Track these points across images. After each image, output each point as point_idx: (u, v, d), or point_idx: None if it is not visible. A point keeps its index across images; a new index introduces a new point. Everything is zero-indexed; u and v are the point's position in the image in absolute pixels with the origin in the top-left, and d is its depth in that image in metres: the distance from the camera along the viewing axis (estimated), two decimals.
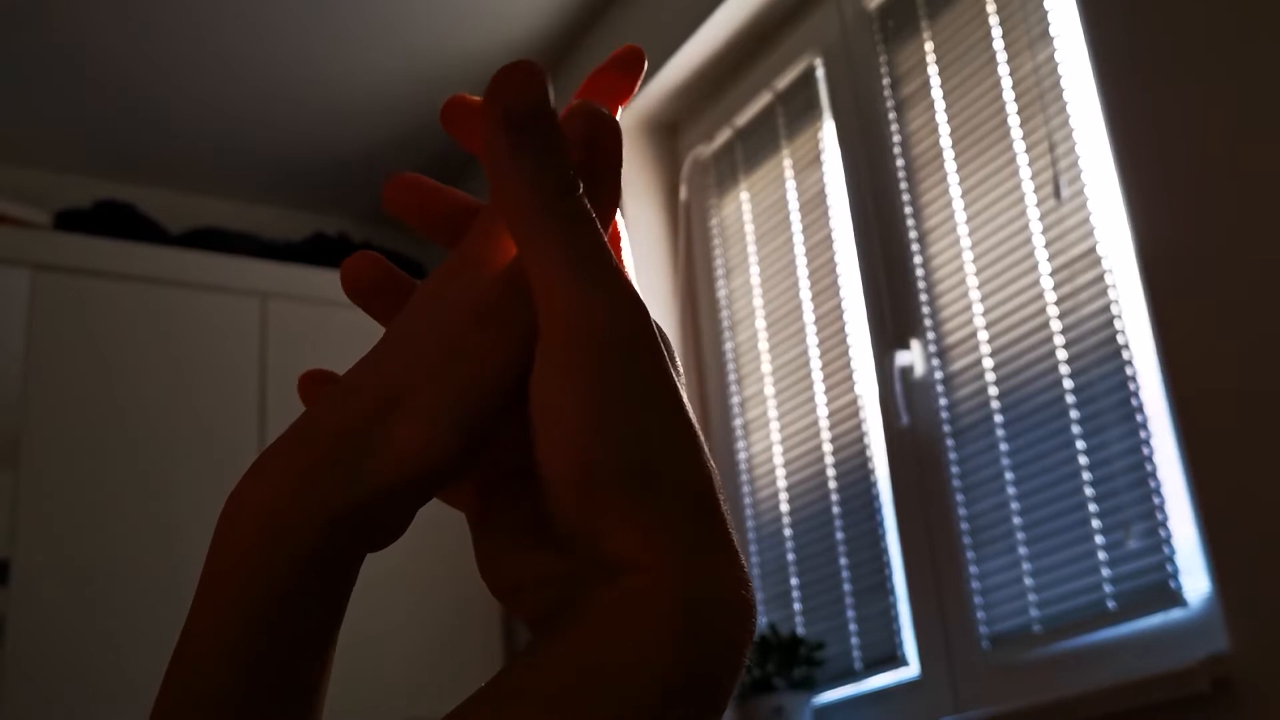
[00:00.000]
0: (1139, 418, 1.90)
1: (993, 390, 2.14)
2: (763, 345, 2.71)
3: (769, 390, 2.67)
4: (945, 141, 2.30)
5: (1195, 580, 1.80)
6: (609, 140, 0.37)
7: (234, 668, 0.33)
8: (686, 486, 0.33)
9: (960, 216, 2.25)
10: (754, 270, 2.76)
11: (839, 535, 2.43)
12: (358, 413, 0.35)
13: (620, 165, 0.37)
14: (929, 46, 2.36)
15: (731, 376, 2.80)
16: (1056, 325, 2.04)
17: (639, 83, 0.41)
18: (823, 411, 2.51)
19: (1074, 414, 1.99)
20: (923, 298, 2.31)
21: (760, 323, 2.72)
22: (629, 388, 0.33)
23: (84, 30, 3.02)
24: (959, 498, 2.17)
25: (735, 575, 0.32)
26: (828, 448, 2.49)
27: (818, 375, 2.54)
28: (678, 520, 0.32)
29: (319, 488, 0.34)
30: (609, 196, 0.37)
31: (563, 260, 0.34)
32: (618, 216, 0.39)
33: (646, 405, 0.33)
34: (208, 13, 3.01)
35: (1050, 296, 2.06)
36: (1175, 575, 1.82)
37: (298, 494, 0.34)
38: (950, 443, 2.21)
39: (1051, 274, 2.06)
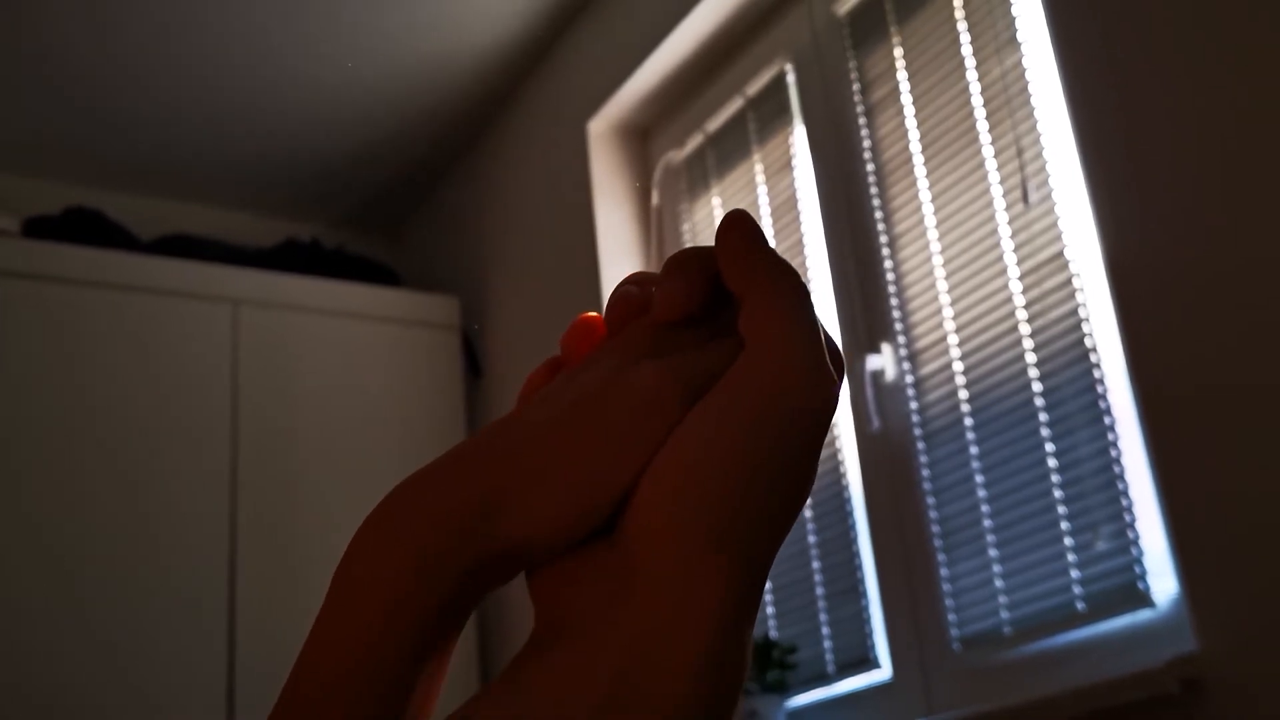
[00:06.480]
0: (1107, 420, 1.91)
1: (963, 394, 2.16)
2: None
3: None
4: (915, 146, 2.32)
5: (1163, 581, 1.81)
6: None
7: (368, 682, 0.35)
8: (752, 557, 0.35)
9: (930, 221, 2.26)
10: None
11: (811, 539, 2.44)
12: (509, 469, 0.37)
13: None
14: (898, 52, 2.37)
15: None
16: (1025, 329, 2.05)
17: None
18: None
19: (1043, 417, 2.01)
20: (893, 302, 2.32)
21: None
22: (774, 457, 0.35)
23: (52, 35, 3.00)
24: (930, 501, 2.18)
25: (749, 652, 0.35)
26: None
27: None
28: (726, 585, 0.34)
29: (464, 535, 0.36)
30: None
31: (791, 334, 0.37)
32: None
33: (775, 483, 0.35)
34: (178, 18, 3.00)
35: (1019, 300, 2.07)
36: (1144, 576, 1.83)
37: (449, 536, 0.36)
38: (921, 446, 2.22)
39: (1020, 278, 2.07)
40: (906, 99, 2.35)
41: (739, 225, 0.40)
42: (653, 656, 0.33)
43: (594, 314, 0.42)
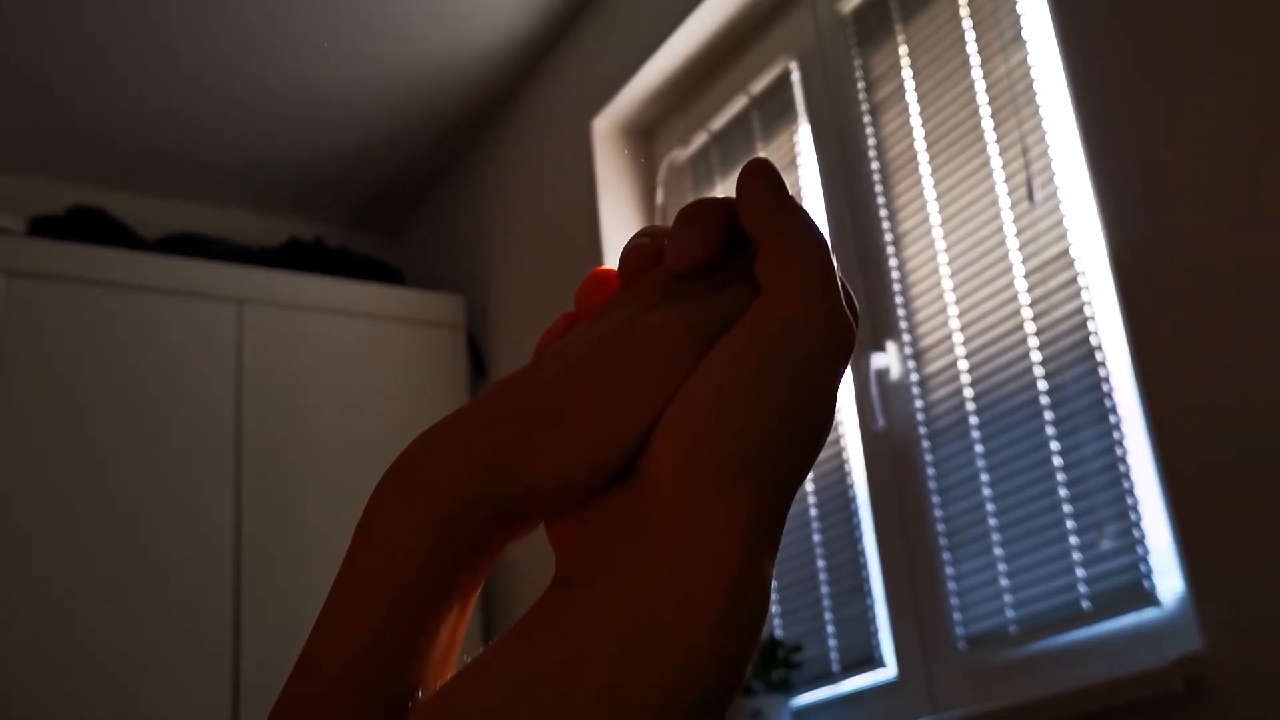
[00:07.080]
0: (1112, 419, 1.91)
1: (968, 392, 2.15)
2: None
3: None
4: (920, 144, 2.31)
5: (1169, 580, 1.81)
6: None
7: (390, 636, 0.35)
8: (771, 491, 0.35)
9: (935, 219, 2.26)
10: None
11: (816, 538, 2.44)
12: (528, 418, 0.37)
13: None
14: (903, 50, 2.37)
15: None
16: (1030, 327, 2.05)
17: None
18: None
19: (1048, 415, 2.00)
20: (898, 300, 2.32)
21: None
22: (791, 398, 0.35)
23: (55, 36, 3.01)
24: (935, 499, 2.18)
25: (769, 593, 0.35)
26: None
27: None
28: (746, 512, 0.34)
29: (483, 485, 0.36)
30: None
31: (808, 277, 0.37)
32: None
33: (791, 425, 0.35)
34: (181, 19, 3.00)
35: (1024, 299, 2.07)
36: (1149, 575, 1.83)
37: (469, 486, 0.36)
38: (926, 445, 2.22)
39: (1025, 276, 2.07)
40: (911, 97, 2.35)
41: (761, 171, 0.40)
42: (676, 592, 0.33)
43: (608, 267, 0.41)
